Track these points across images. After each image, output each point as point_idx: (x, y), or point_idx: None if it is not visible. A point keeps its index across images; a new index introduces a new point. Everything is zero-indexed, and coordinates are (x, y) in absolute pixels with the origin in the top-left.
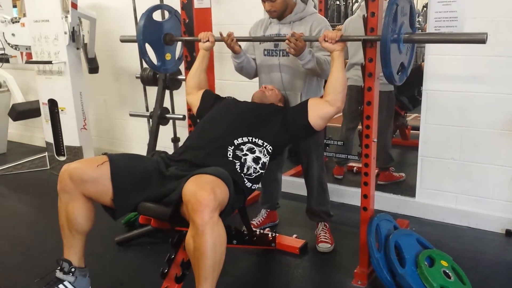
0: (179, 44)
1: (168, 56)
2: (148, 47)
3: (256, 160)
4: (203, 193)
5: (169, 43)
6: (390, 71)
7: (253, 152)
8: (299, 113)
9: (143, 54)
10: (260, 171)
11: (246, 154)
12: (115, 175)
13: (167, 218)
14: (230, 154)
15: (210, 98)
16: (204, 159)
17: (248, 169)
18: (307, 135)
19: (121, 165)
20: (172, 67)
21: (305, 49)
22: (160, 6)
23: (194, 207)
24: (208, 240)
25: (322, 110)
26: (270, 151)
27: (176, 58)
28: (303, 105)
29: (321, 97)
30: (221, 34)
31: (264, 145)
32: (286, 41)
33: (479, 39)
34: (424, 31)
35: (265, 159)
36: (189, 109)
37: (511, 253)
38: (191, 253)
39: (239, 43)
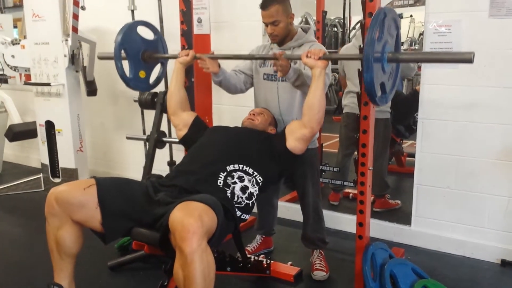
0: (158, 68)
1: (142, 74)
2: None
3: (243, 189)
4: (190, 220)
5: (147, 61)
6: (372, 90)
7: (242, 181)
8: (280, 139)
9: (116, 57)
10: (246, 201)
11: (235, 182)
12: (103, 199)
13: (158, 244)
14: (220, 182)
15: (199, 129)
16: (195, 185)
17: (237, 197)
18: (290, 161)
19: (109, 188)
20: (143, 87)
21: (290, 67)
22: (148, 24)
23: (182, 235)
24: (197, 268)
25: (297, 133)
26: (260, 181)
27: (150, 81)
28: (282, 131)
29: None
30: (213, 53)
31: (254, 175)
32: (273, 65)
33: (466, 58)
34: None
35: (252, 189)
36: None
37: (507, 283)
38: (180, 282)
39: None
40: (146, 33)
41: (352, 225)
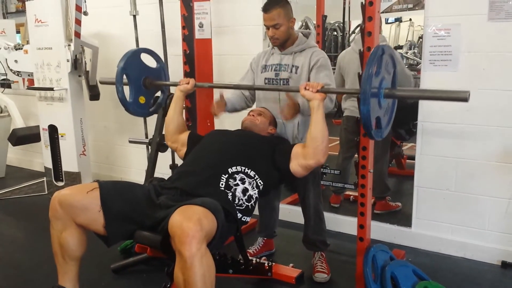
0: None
1: (142, 99)
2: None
3: (244, 191)
4: (189, 224)
5: (148, 87)
6: (368, 123)
7: (244, 183)
8: (284, 155)
9: (117, 81)
10: (246, 203)
11: (237, 184)
12: (105, 202)
13: (159, 247)
14: (222, 184)
15: (195, 141)
16: (196, 187)
17: (238, 200)
18: (290, 179)
19: (111, 192)
20: (142, 112)
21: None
22: (151, 52)
23: (181, 239)
24: (197, 272)
25: (302, 161)
26: (260, 185)
27: (150, 108)
28: (289, 150)
29: None
30: (221, 97)
31: (255, 178)
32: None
33: (461, 97)
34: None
35: (252, 191)
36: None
37: (507, 285)
38: (181, 286)
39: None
40: (149, 61)
41: (353, 227)
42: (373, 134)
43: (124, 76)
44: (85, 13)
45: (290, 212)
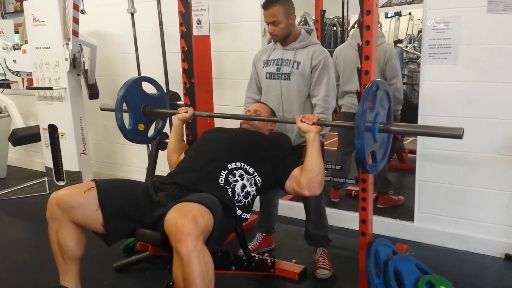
0: (157, 123)
1: (141, 127)
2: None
3: (242, 187)
4: (184, 222)
5: (147, 115)
6: (364, 164)
7: (242, 179)
8: (284, 171)
9: (117, 109)
10: (244, 200)
11: (236, 181)
12: (103, 201)
13: (160, 245)
14: (222, 180)
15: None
16: (196, 183)
17: (238, 196)
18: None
19: (109, 191)
20: (141, 139)
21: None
22: (153, 81)
23: (176, 237)
24: (195, 269)
25: (297, 186)
26: (258, 182)
27: (149, 135)
28: (290, 167)
29: None
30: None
31: (254, 175)
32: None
33: (455, 134)
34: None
35: (250, 188)
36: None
37: (511, 278)
38: (180, 284)
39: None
40: (149, 89)
41: (355, 222)
42: (367, 168)
43: (124, 104)
44: (83, 12)
45: (292, 208)
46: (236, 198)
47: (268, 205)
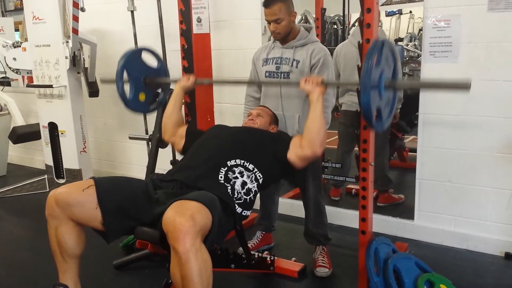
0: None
1: (141, 97)
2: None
3: (242, 184)
4: (182, 220)
5: (149, 85)
6: (370, 120)
7: (242, 176)
8: (283, 145)
9: (118, 77)
10: (245, 197)
11: (236, 177)
12: (102, 198)
13: (158, 242)
14: (221, 177)
15: (195, 135)
16: (195, 180)
17: (237, 193)
18: (290, 170)
19: (108, 188)
20: (141, 109)
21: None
22: (153, 52)
23: (174, 235)
24: (193, 267)
25: (299, 151)
26: (259, 178)
27: (150, 106)
28: (288, 140)
29: None
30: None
31: (254, 171)
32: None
33: (463, 85)
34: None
35: (251, 185)
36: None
37: (511, 276)
38: (178, 282)
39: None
40: (150, 61)
41: (355, 221)
42: (374, 124)
43: (125, 74)
44: (82, 10)
45: (292, 206)
46: (235, 196)
47: (268, 203)
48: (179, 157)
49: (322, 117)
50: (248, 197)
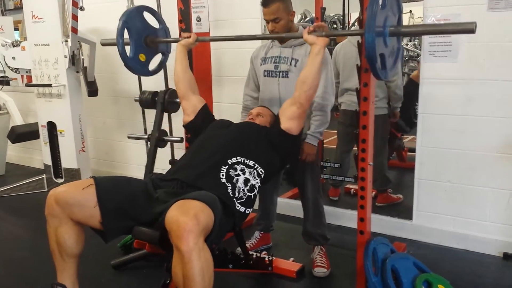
0: (158, 58)
1: (142, 57)
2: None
3: (245, 182)
4: (185, 219)
5: (149, 45)
6: (374, 63)
7: (244, 173)
8: (275, 125)
9: (118, 34)
10: (248, 193)
11: (238, 175)
12: (101, 198)
13: (157, 243)
14: (223, 175)
15: (205, 118)
16: (196, 179)
17: (239, 192)
18: (288, 143)
19: (108, 188)
20: (141, 70)
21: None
22: (154, 11)
23: (178, 234)
24: (195, 266)
25: (287, 112)
26: (261, 173)
27: (150, 68)
28: (277, 116)
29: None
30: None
31: (255, 167)
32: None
33: (468, 28)
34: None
35: (254, 181)
36: (187, 132)
37: (509, 277)
38: (179, 281)
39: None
40: (152, 22)
41: (354, 221)
42: (377, 69)
43: (126, 33)
44: (82, 9)
45: (290, 206)
46: (236, 195)
47: (267, 203)
48: (178, 156)
49: (319, 72)
50: (252, 194)
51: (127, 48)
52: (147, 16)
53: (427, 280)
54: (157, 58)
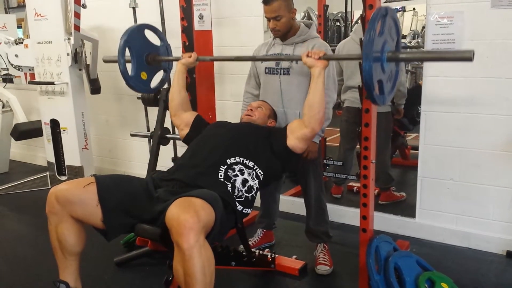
0: (160, 76)
1: (143, 75)
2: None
3: (243, 182)
4: (186, 216)
5: (150, 63)
6: (371, 91)
7: (243, 174)
8: (281, 138)
9: (120, 53)
10: (246, 194)
11: (236, 175)
12: (103, 196)
13: (159, 240)
14: (221, 175)
15: (200, 127)
16: (195, 179)
17: (238, 191)
18: (291, 157)
19: (109, 186)
20: (143, 88)
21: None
22: (155, 29)
23: (179, 231)
24: (197, 264)
25: (297, 132)
26: (260, 175)
27: (152, 85)
28: (283, 129)
29: None
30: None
31: (254, 168)
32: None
33: (466, 56)
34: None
35: (252, 182)
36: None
37: None
38: (180, 279)
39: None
40: (153, 39)
41: (357, 219)
42: (375, 97)
43: (127, 52)
44: (84, 6)
45: (293, 203)
46: (236, 194)
47: (269, 201)
48: (180, 154)
49: (323, 93)
50: (250, 195)
51: (128, 66)
52: (148, 33)
53: (430, 278)
54: (159, 74)
